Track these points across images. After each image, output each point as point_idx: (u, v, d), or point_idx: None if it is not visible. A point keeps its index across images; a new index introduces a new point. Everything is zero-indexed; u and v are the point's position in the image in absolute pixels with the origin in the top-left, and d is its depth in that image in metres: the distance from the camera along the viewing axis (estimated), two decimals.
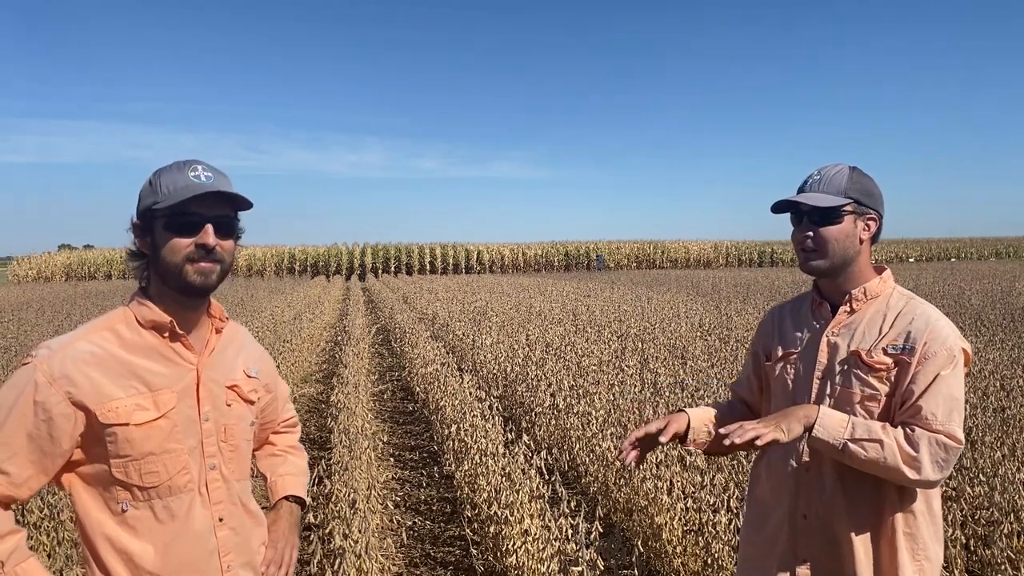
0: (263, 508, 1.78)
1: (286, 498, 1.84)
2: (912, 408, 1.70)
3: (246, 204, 1.57)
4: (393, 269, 47.88)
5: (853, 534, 1.75)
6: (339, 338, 12.55)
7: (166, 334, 1.55)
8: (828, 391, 1.81)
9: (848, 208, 1.78)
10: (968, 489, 3.82)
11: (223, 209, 1.54)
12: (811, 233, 1.79)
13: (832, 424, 1.69)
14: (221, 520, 1.58)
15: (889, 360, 1.74)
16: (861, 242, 1.81)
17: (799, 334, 1.92)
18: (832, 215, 1.77)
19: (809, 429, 1.69)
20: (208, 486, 1.57)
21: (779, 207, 1.86)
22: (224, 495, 1.60)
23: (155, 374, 1.52)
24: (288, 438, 1.97)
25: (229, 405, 1.62)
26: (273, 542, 1.74)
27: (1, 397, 1.44)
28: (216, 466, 1.58)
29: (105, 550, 1.50)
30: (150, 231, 1.52)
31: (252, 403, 1.69)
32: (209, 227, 1.51)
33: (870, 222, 1.83)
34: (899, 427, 1.71)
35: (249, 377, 1.69)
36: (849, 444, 1.67)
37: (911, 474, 1.66)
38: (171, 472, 1.51)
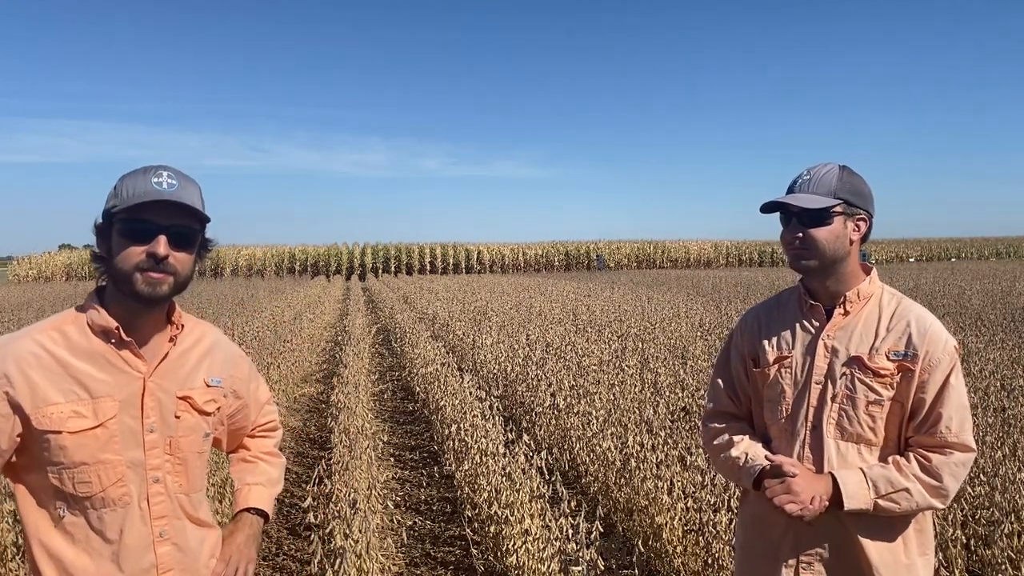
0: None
1: (248, 510, 1.76)
2: (931, 419, 1.73)
3: (203, 217, 1.52)
4: (393, 269, 47.89)
5: (861, 534, 1.75)
6: (339, 338, 12.55)
7: (113, 340, 1.50)
8: (830, 395, 1.79)
9: (838, 209, 1.77)
10: (968, 489, 3.81)
11: (183, 219, 1.49)
12: (800, 234, 1.77)
13: (855, 490, 1.70)
14: (162, 535, 1.53)
15: (892, 366, 1.75)
16: (851, 243, 1.80)
17: (790, 337, 1.87)
18: (822, 216, 1.76)
19: (838, 504, 1.70)
20: (150, 500, 1.51)
21: (768, 208, 1.84)
22: (167, 510, 1.54)
23: (98, 381, 1.47)
24: (263, 443, 1.89)
25: (178, 417, 1.56)
26: (225, 556, 1.66)
27: None
28: (160, 479, 1.53)
29: (40, 554, 1.47)
30: (108, 234, 1.49)
31: (208, 414, 1.62)
32: (162, 237, 1.46)
33: (860, 222, 1.81)
34: (912, 458, 1.73)
35: (208, 387, 1.62)
36: (879, 503, 1.70)
37: (940, 503, 1.72)
38: (105, 483, 1.47)
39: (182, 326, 1.62)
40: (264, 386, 1.89)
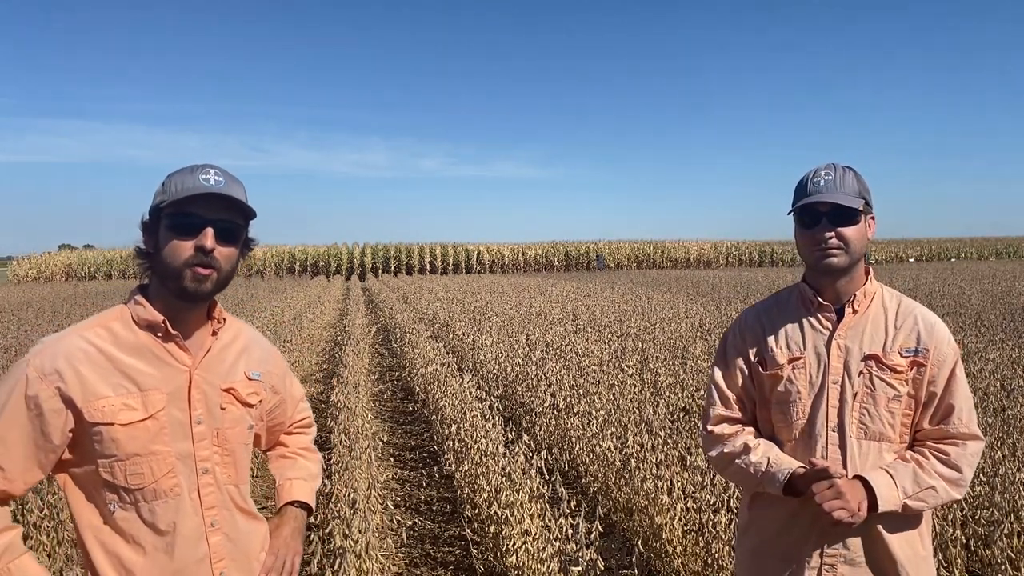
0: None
1: (292, 503, 1.80)
2: (943, 411, 1.79)
3: (250, 212, 1.56)
4: (393, 269, 47.87)
5: (886, 531, 1.77)
6: (339, 338, 12.54)
7: (159, 334, 1.53)
8: (850, 394, 1.79)
9: (862, 209, 1.81)
10: (968, 489, 3.81)
11: (229, 214, 1.53)
12: (832, 233, 1.77)
13: (887, 492, 1.72)
14: (214, 525, 1.56)
15: (905, 362, 1.79)
16: (868, 241, 1.84)
17: (799, 338, 1.86)
18: (853, 216, 1.79)
19: (871, 506, 1.72)
20: (200, 491, 1.54)
21: (808, 208, 1.79)
22: (217, 500, 1.57)
23: (145, 374, 1.50)
24: (301, 439, 1.93)
25: (224, 409, 1.59)
26: (274, 549, 1.70)
27: None
28: (209, 470, 1.56)
29: (96, 551, 1.49)
30: (155, 230, 1.53)
31: (251, 406, 1.65)
32: (209, 229, 1.49)
33: (871, 222, 1.86)
34: (928, 454, 1.77)
35: (250, 380, 1.66)
36: (908, 502, 1.73)
37: (960, 495, 1.77)
38: (156, 475, 1.49)
39: (223, 320, 1.65)
40: (298, 383, 1.93)
